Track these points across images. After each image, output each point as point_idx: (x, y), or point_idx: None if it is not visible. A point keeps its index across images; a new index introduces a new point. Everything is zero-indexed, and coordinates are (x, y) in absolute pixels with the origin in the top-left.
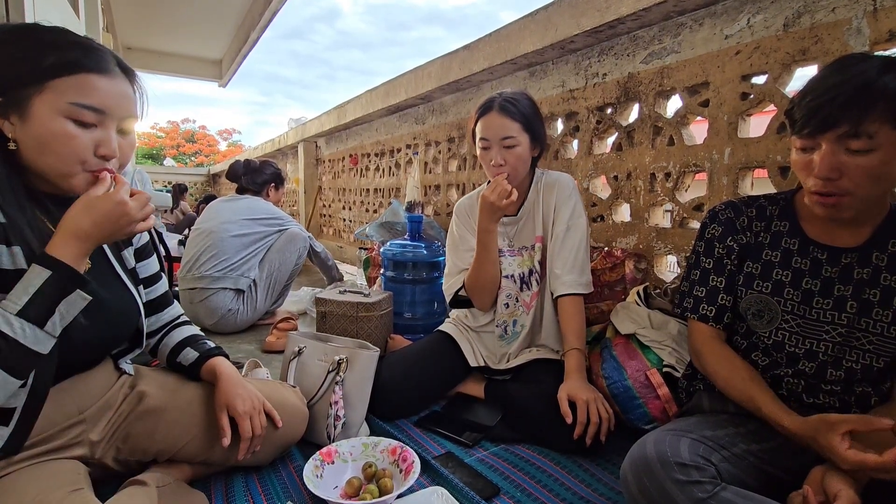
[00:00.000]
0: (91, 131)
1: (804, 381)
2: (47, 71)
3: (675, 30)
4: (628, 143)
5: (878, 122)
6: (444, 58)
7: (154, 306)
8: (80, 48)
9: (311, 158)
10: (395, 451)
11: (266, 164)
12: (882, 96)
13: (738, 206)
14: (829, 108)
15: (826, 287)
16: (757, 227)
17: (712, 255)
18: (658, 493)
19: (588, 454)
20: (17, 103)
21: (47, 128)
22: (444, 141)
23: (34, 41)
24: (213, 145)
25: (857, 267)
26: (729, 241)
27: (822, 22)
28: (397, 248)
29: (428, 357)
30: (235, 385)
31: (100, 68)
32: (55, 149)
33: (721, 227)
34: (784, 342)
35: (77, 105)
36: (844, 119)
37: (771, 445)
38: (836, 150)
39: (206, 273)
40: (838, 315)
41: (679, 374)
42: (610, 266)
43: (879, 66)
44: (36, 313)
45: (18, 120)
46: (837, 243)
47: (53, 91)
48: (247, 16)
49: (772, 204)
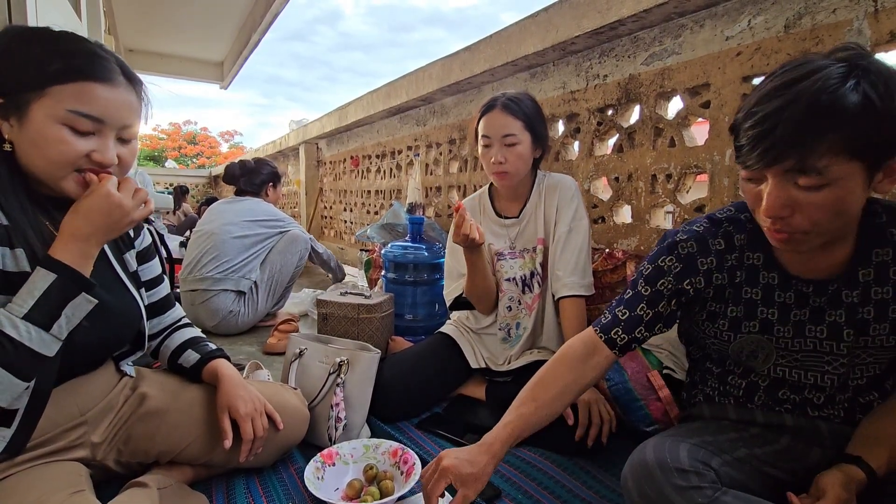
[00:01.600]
0: (87, 139)
1: (810, 407)
2: (49, 77)
3: (675, 31)
4: (629, 144)
5: (829, 154)
6: (445, 59)
7: (156, 309)
8: (85, 55)
9: (313, 160)
10: (396, 452)
11: (261, 164)
12: (832, 123)
13: (702, 238)
14: (771, 139)
15: (816, 316)
16: (729, 261)
17: (653, 286)
18: (658, 498)
19: (589, 456)
20: (17, 106)
21: (42, 133)
22: (445, 142)
23: (41, 46)
24: (215, 147)
25: (845, 290)
26: (685, 283)
27: (822, 23)
28: (398, 250)
29: (429, 359)
30: (237, 387)
31: (102, 77)
32: (47, 153)
33: (680, 263)
34: (785, 378)
35: (74, 112)
36: (788, 153)
37: (773, 448)
38: (783, 184)
39: (207, 275)
40: (837, 345)
41: (679, 377)
42: (611, 267)
43: (826, 79)
44: (41, 316)
45: (17, 122)
46: (821, 275)
47: (53, 97)
48: (248, 18)
49: (738, 230)
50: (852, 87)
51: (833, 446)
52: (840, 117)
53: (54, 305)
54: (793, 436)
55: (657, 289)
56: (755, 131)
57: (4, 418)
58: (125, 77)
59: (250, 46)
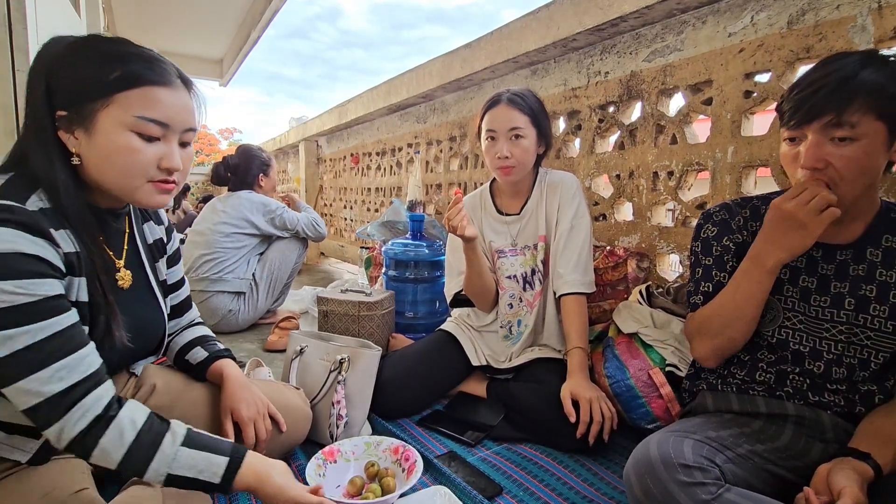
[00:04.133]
0: (155, 145)
1: (809, 380)
2: (113, 84)
3: (677, 27)
4: (631, 141)
5: (860, 112)
6: (446, 56)
7: (176, 311)
8: (143, 60)
9: (313, 157)
10: (397, 450)
11: (246, 157)
12: (862, 88)
13: (731, 207)
14: (814, 98)
15: (823, 284)
16: (752, 226)
17: (710, 254)
18: (661, 494)
19: (591, 453)
20: (83, 117)
21: (113, 141)
22: (445, 140)
23: (98, 54)
24: (214, 144)
25: (853, 263)
26: (725, 240)
27: (826, 19)
28: (399, 248)
29: (430, 356)
30: (241, 389)
31: (163, 81)
32: (120, 163)
33: (716, 227)
34: (788, 340)
35: (143, 118)
36: (827, 109)
37: (776, 445)
38: (821, 140)
39: (203, 276)
40: (837, 313)
41: (682, 374)
42: (612, 265)
43: (858, 61)
44: (187, 462)
45: (83, 134)
46: (832, 240)
47: (119, 104)
48: (248, 15)
49: (765, 204)
50: (882, 63)
51: (835, 440)
52: (871, 83)
53: (199, 469)
54: (795, 428)
55: (715, 254)
56: (800, 95)
57: (33, 431)
58: (181, 80)
59: (250, 43)
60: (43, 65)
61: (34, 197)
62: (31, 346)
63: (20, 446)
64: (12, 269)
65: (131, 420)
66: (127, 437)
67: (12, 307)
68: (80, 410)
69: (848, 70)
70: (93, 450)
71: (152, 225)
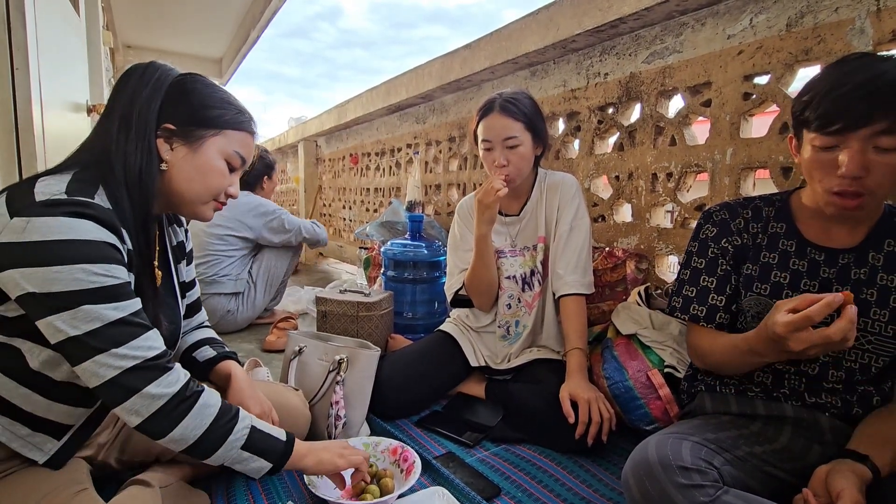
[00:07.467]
0: (231, 175)
1: (805, 380)
2: (227, 122)
3: (677, 29)
4: (630, 142)
5: None
6: (446, 57)
7: (188, 311)
8: (247, 112)
9: (312, 157)
10: (395, 451)
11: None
12: None
13: (733, 207)
14: (865, 104)
15: (824, 288)
16: (754, 228)
17: (705, 256)
18: (660, 496)
19: (589, 454)
20: (191, 136)
21: (212, 163)
22: (444, 140)
23: (220, 97)
24: None
25: (855, 267)
26: (723, 242)
27: (825, 22)
28: (398, 248)
29: (428, 357)
30: (248, 387)
31: (251, 129)
32: (209, 180)
33: (716, 227)
34: None
35: (237, 154)
36: (881, 116)
37: (774, 447)
38: (865, 147)
39: (199, 278)
40: (837, 316)
41: (680, 375)
42: (611, 266)
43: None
44: (249, 446)
45: (184, 148)
46: (834, 244)
47: (226, 138)
48: (247, 14)
49: (767, 205)
50: None
51: (834, 443)
52: None
53: (257, 451)
54: (794, 430)
55: (710, 257)
56: (845, 99)
57: (57, 431)
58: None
59: (249, 43)
60: (162, 83)
61: (97, 197)
62: (119, 320)
63: (41, 446)
64: (100, 255)
65: (207, 403)
66: (207, 416)
67: (101, 287)
68: (159, 386)
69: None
70: (171, 430)
71: (176, 228)
